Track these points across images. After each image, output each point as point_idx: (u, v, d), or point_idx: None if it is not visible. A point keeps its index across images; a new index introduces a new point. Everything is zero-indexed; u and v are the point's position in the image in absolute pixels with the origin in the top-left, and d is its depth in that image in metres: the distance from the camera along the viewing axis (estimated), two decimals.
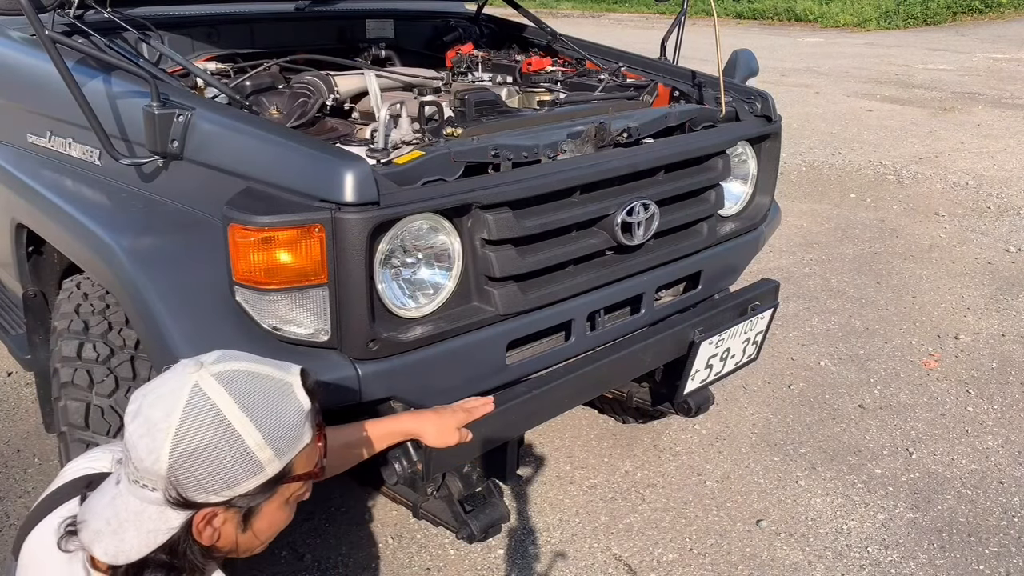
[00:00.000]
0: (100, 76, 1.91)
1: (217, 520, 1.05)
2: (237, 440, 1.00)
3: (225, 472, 1.00)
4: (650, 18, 19.36)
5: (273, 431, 1.02)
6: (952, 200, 5.76)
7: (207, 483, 1.00)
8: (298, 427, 1.06)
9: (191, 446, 0.99)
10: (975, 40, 14.19)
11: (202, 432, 0.99)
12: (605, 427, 3.02)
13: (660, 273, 2.13)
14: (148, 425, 1.01)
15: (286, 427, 1.04)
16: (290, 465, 1.06)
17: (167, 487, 1.00)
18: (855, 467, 2.82)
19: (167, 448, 0.99)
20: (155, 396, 1.03)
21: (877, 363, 3.53)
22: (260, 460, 1.02)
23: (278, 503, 1.09)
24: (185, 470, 0.99)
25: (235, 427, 1.00)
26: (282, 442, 1.03)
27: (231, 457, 1.00)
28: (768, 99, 2.34)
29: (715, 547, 2.45)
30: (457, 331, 1.75)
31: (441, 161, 1.67)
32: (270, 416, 1.03)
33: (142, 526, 1.03)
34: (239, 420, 1.00)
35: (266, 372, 1.07)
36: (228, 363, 1.05)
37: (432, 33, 3.08)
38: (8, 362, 3.20)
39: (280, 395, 1.05)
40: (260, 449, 1.01)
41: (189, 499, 1.01)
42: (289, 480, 1.08)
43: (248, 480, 1.02)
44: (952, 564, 2.39)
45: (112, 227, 1.77)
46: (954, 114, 8.47)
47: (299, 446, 1.06)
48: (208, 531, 1.05)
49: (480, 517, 1.91)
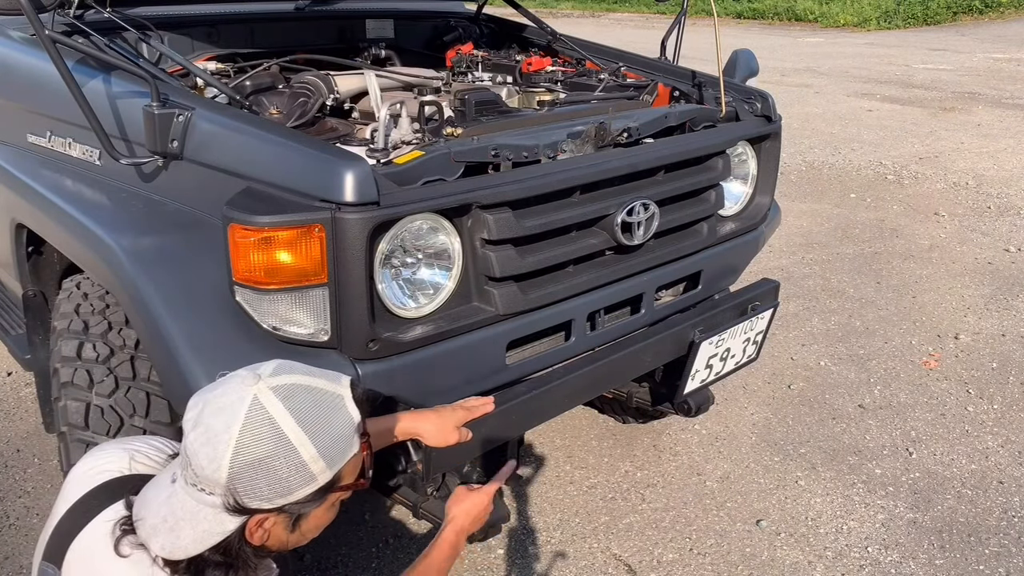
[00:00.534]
0: (100, 76, 1.91)
1: (268, 523, 1.10)
2: (293, 453, 1.06)
3: (280, 482, 1.06)
4: (650, 18, 19.36)
5: (326, 444, 1.08)
6: (952, 200, 5.76)
7: (264, 492, 1.06)
8: (348, 439, 1.12)
9: (251, 458, 1.04)
10: (975, 40, 14.19)
11: (261, 444, 1.05)
12: (605, 427, 3.02)
13: (660, 273, 2.13)
14: (209, 435, 1.05)
15: (337, 439, 1.10)
16: (339, 474, 1.12)
17: (226, 494, 1.05)
18: (855, 467, 2.82)
19: (228, 459, 1.04)
20: (216, 407, 1.08)
21: (877, 363, 3.53)
22: (313, 471, 1.07)
23: (324, 508, 1.15)
24: (244, 480, 1.05)
25: (292, 440, 1.06)
26: (333, 454, 1.09)
27: (287, 469, 1.05)
28: (768, 99, 2.34)
29: (715, 547, 2.45)
30: (457, 331, 1.75)
31: (441, 161, 1.67)
32: (323, 429, 1.08)
33: (198, 525, 1.08)
34: (295, 434, 1.06)
35: (320, 385, 1.12)
36: (285, 376, 1.10)
37: (432, 33, 3.08)
38: (8, 362, 3.20)
39: (333, 408, 1.11)
40: (314, 461, 1.07)
41: (245, 506, 1.06)
42: (338, 489, 1.14)
43: (301, 490, 1.07)
44: (952, 564, 2.39)
45: (112, 227, 1.77)
46: (954, 114, 8.47)
47: (348, 456, 1.12)
48: (260, 533, 1.11)
49: None
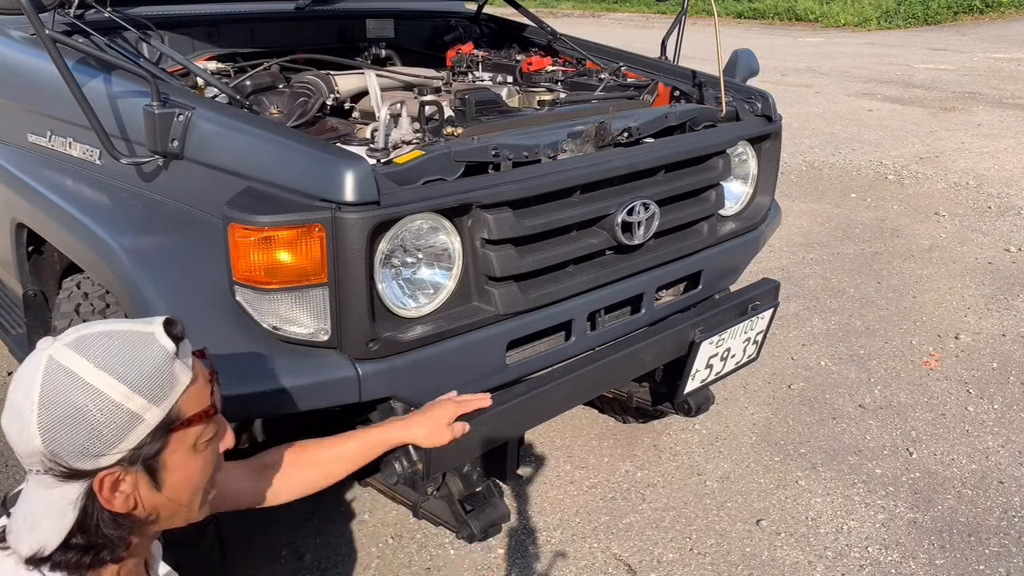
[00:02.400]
0: (100, 76, 1.91)
1: (124, 485, 1.04)
2: (101, 396, 0.99)
3: (101, 431, 0.99)
4: (650, 18, 19.35)
5: (137, 380, 1.01)
6: (953, 200, 5.76)
7: (89, 446, 0.99)
8: (165, 371, 1.04)
9: (57, 415, 0.99)
10: (976, 40, 14.19)
11: (64, 398, 0.99)
12: (605, 427, 3.02)
13: (660, 273, 2.13)
14: (13, 409, 1.01)
15: (152, 373, 1.02)
16: (176, 410, 1.05)
17: (47, 462, 1.00)
18: (855, 467, 2.82)
19: (35, 423, 0.99)
20: (16, 382, 1.03)
21: (877, 363, 3.53)
22: (133, 410, 1.00)
23: (183, 452, 1.07)
24: (59, 440, 0.99)
25: (95, 385, 1.00)
26: (151, 388, 1.02)
27: (101, 415, 0.99)
28: (768, 99, 2.34)
29: (715, 547, 2.45)
30: (457, 331, 1.75)
31: (441, 161, 1.67)
32: (131, 367, 1.01)
33: (50, 511, 1.03)
34: (98, 377, 1.00)
35: (121, 328, 1.06)
36: (80, 331, 1.05)
37: (432, 33, 3.08)
38: (8, 362, 3.20)
39: (139, 345, 1.04)
40: (128, 400, 1.00)
41: (76, 468, 1.00)
42: (181, 425, 1.06)
43: (131, 433, 1.01)
44: (952, 564, 2.39)
45: (112, 227, 1.77)
46: (955, 114, 8.46)
47: (176, 389, 1.04)
48: (119, 497, 1.04)
49: (480, 517, 1.91)
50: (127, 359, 1.02)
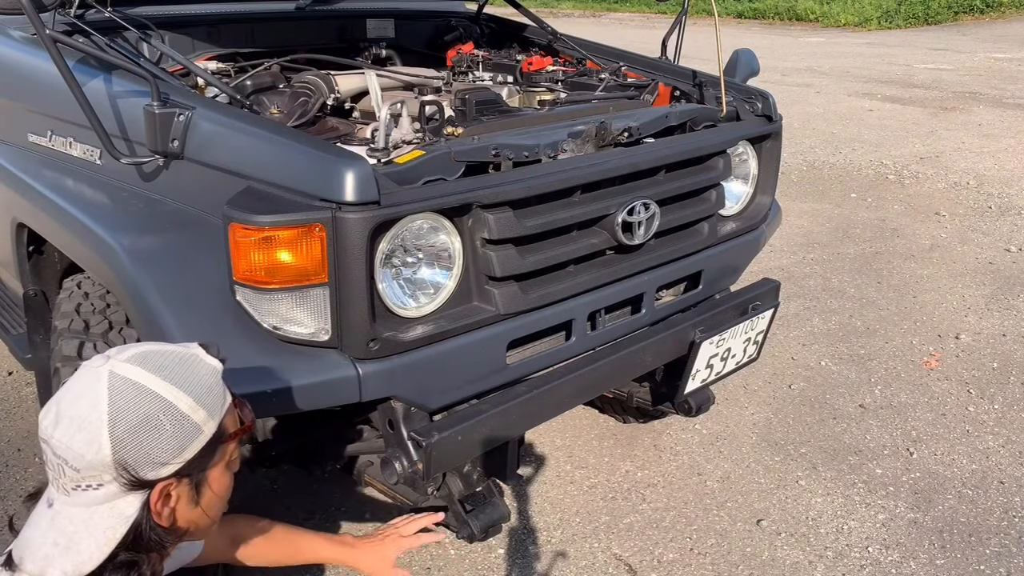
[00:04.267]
0: (101, 75, 1.91)
1: (172, 498, 1.07)
2: (171, 407, 1.03)
3: (169, 440, 1.02)
4: (651, 18, 19.35)
5: (200, 393, 1.06)
6: (953, 200, 5.76)
7: (156, 454, 1.02)
8: (218, 386, 1.11)
9: (129, 423, 1.01)
10: (976, 40, 14.18)
11: (135, 408, 1.01)
12: (606, 427, 3.02)
13: (661, 273, 2.13)
14: (78, 422, 1.01)
15: (209, 387, 1.08)
16: (223, 424, 1.10)
17: (117, 472, 1.01)
18: (856, 467, 2.82)
19: (106, 433, 1.00)
20: (72, 397, 1.04)
21: (878, 363, 3.52)
22: (197, 422, 1.05)
23: (221, 467, 1.13)
24: (131, 448, 1.00)
25: (165, 396, 1.03)
26: (210, 401, 1.08)
27: (170, 425, 1.02)
28: (769, 99, 2.34)
29: (715, 547, 2.45)
30: (457, 331, 1.75)
31: (442, 160, 1.67)
32: (191, 381, 1.06)
33: (95, 529, 1.03)
34: (166, 389, 1.04)
35: (170, 348, 1.11)
36: (133, 349, 1.09)
37: (433, 32, 3.08)
38: (8, 362, 3.20)
39: (193, 362, 1.10)
40: (194, 411, 1.05)
41: (143, 477, 1.02)
42: (227, 439, 1.11)
43: (192, 444, 1.05)
44: (953, 564, 2.39)
45: (113, 226, 1.77)
46: (955, 114, 8.46)
47: (225, 404, 1.11)
48: (166, 511, 1.07)
49: (480, 517, 1.91)
50: (188, 375, 1.07)
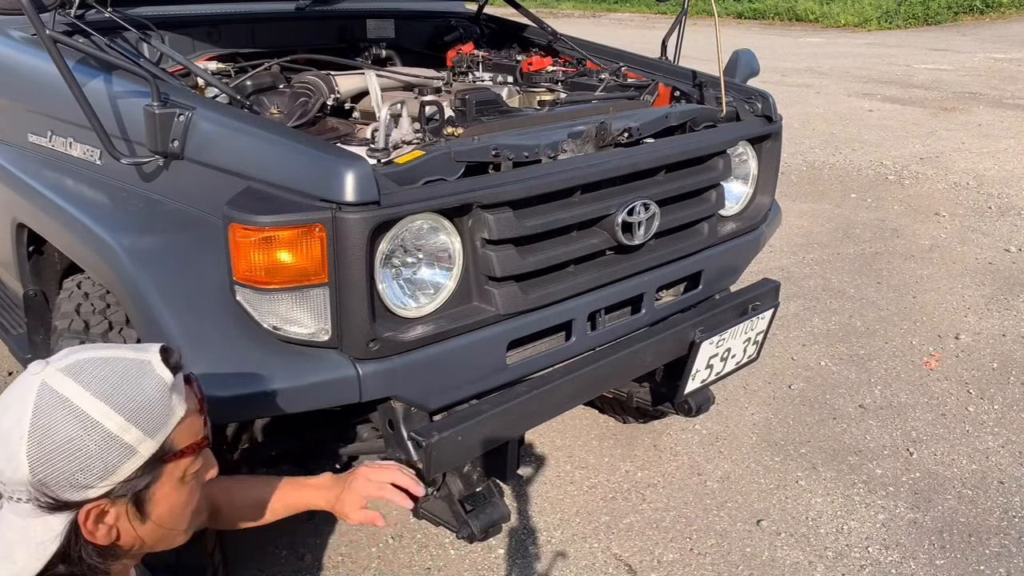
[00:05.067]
0: (101, 76, 1.91)
1: (108, 517, 1.00)
2: (97, 427, 0.96)
3: (93, 463, 0.96)
4: (651, 18, 19.35)
5: (134, 411, 0.98)
6: (953, 200, 5.76)
7: (78, 478, 0.96)
8: (163, 402, 1.01)
9: (50, 444, 0.95)
10: (976, 40, 14.18)
11: (58, 427, 0.95)
12: (605, 427, 3.02)
13: (661, 273, 2.13)
14: (1, 435, 0.96)
15: (149, 404, 0.99)
16: (169, 442, 1.02)
17: (33, 491, 0.96)
18: (856, 467, 2.82)
19: (24, 452, 0.94)
20: (4, 405, 0.99)
21: (878, 363, 3.53)
22: (128, 443, 0.97)
23: (171, 484, 1.04)
24: (48, 470, 0.95)
25: (91, 415, 0.96)
26: (148, 420, 0.99)
27: (95, 446, 0.95)
28: (769, 99, 2.34)
29: (715, 547, 2.45)
30: (457, 331, 1.75)
31: (442, 161, 1.67)
32: (128, 397, 0.98)
33: (30, 542, 0.98)
34: (94, 407, 0.96)
35: (117, 355, 1.02)
36: (74, 355, 1.01)
37: (433, 33, 3.08)
38: (8, 362, 3.20)
39: (137, 374, 1.00)
40: (124, 431, 0.97)
41: (62, 499, 0.97)
42: (173, 457, 1.03)
43: (123, 466, 0.97)
44: (952, 564, 2.39)
45: (113, 227, 1.77)
46: (955, 114, 8.46)
47: (171, 420, 1.02)
48: (102, 529, 1.00)
49: (480, 517, 1.90)
50: (125, 388, 0.99)
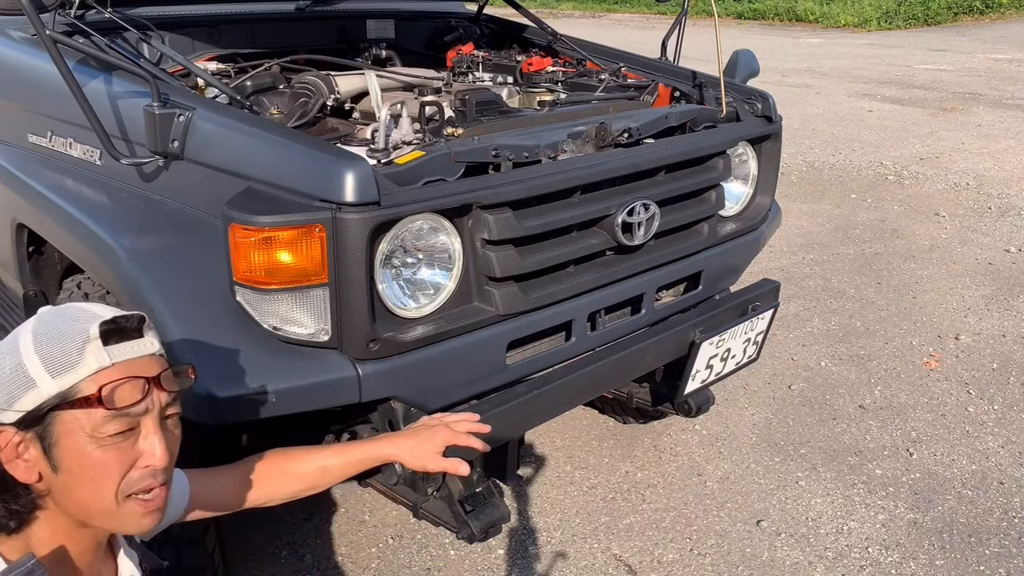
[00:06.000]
0: (101, 76, 1.91)
1: (27, 454, 1.04)
2: (15, 353, 1.03)
3: (4, 386, 1.02)
4: (651, 18, 19.35)
5: (48, 349, 1.03)
6: (953, 200, 5.76)
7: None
8: (74, 349, 1.04)
9: None
10: (976, 41, 14.18)
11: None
12: (605, 427, 3.02)
13: (661, 273, 2.13)
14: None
15: (64, 347, 1.03)
16: (73, 391, 1.03)
17: None
18: (855, 467, 2.82)
19: None
20: None
21: (877, 363, 3.53)
22: (30, 375, 1.02)
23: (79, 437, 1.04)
24: None
25: (19, 344, 1.04)
26: (52, 358, 1.03)
27: (9, 369, 1.03)
28: (769, 99, 2.34)
29: (715, 547, 2.45)
30: (457, 331, 1.75)
31: (442, 161, 1.67)
32: (52, 337, 1.04)
33: None
34: (24, 338, 1.04)
35: (84, 307, 1.10)
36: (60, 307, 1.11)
37: (433, 33, 3.08)
38: None
39: (71, 321, 1.06)
40: (29, 360, 1.02)
41: None
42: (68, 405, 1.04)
43: (23, 396, 1.02)
44: (952, 564, 2.39)
45: (113, 227, 1.77)
46: (955, 114, 8.46)
47: (81, 371, 1.04)
48: (21, 464, 1.04)
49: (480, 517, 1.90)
50: (54, 331, 1.05)
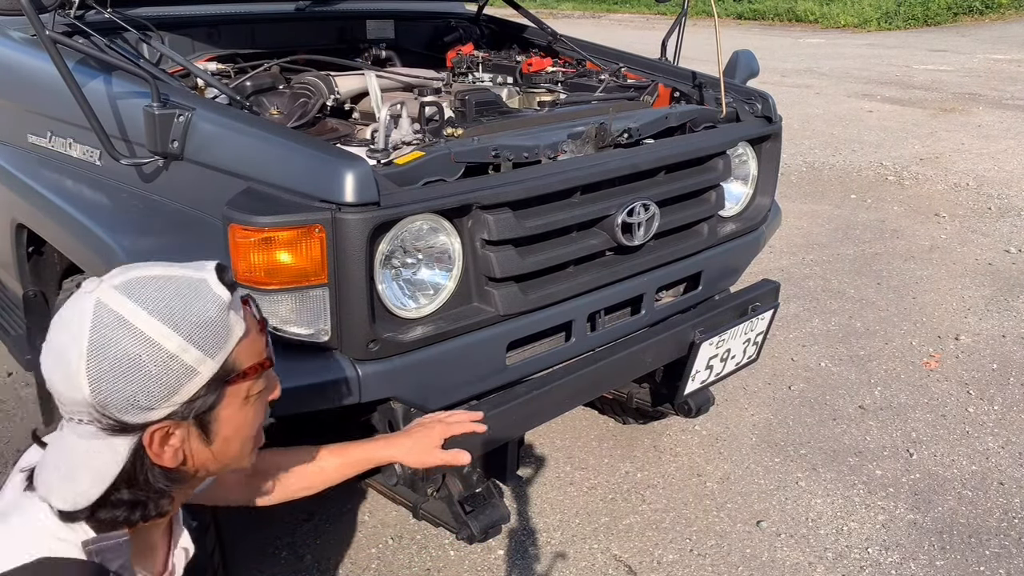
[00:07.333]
0: (100, 76, 1.91)
1: (174, 439, 0.97)
2: (156, 347, 0.92)
3: (154, 384, 0.92)
4: (651, 19, 19.36)
5: (194, 329, 0.94)
6: (953, 201, 5.76)
7: (139, 399, 0.92)
8: (221, 321, 0.97)
9: (109, 364, 0.91)
10: (976, 41, 14.19)
11: (117, 347, 0.91)
12: (605, 428, 3.02)
13: (660, 274, 2.13)
14: (57, 352, 0.94)
15: (206, 324, 0.95)
16: (231, 362, 0.98)
17: (94, 413, 0.93)
18: (855, 468, 2.82)
19: (83, 372, 0.91)
20: (60, 324, 0.95)
21: (877, 364, 3.52)
22: (188, 363, 0.94)
23: (235, 405, 1.01)
24: (108, 391, 0.91)
25: (149, 334, 0.92)
26: (207, 340, 0.95)
27: (155, 367, 0.92)
28: (768, 100, 2.34)
29: (715, 548, 2.45)
30: (457, 332, 1.75)
31: (441, 161, 1.67)
32: (185, 316, 0.94)
33: (92, 464, 0.95)
34: (152, 327, 0.93)
35: (172, 274, 0.98)
36: (128, 273, 0.97)
37: (433, 33, 3.08)
38: (8, 362, 3.20)
39: (193, 293, 0.96)
40: (184, 352, 0.93)
41: (124, 421, 0.93)
42: (237, 378, 0.99)
43: (184, 387, 0.94)
44: (953, 565, 2.39)
45: (112, 227, 1.77)
46: (955, 115, 8.46)
47: (230, 340, 0.98)
48: (169, 452, 0.97)
49: (480, 518, 1.90)
50: (181, 308, 0.95)
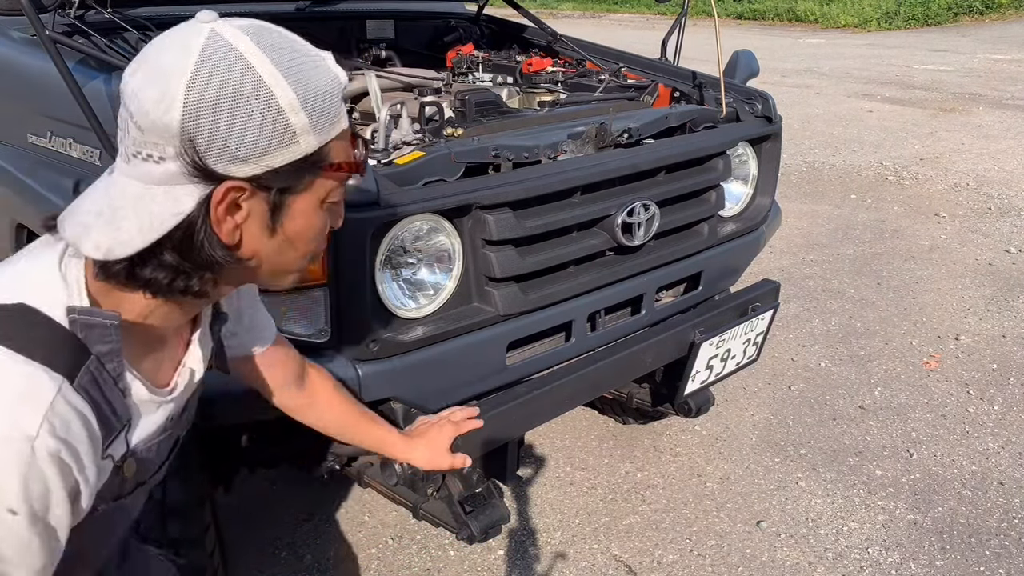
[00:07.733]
0: (101, 76, 1.90)
1: (241, 212, 0.86)
2: (267, 94, 0.82)
3: (253, 132, 0.81)
4: (651, 19, 19.36)
5: (308, 94, 0.84)
6: (953, 201, 5.76)
7: (231, 143, 0.81)
8: (335, 100, 0.88)
9: (213, 92, 0.80)
10: (976, 41, 14.19)
11: (227, 77, 0.80)
12: (605, 428, 3.02)
13: (661, 274, 2.13)
14: (156, 71, 0.81)
15: (323, 95, 0.86)
16: (327, 151, 0.88)
17: (181, 146, 0.80)
18: (855, 468, 2.82)
19: (182, 91, 0.79)
20: (161, 45, 0.84)
21: (877, 364, 3.52)
22: (293, 125, 0.83)
23: (312, 202, 0.90)
24: (203, 121, 0.80)
25: (264, 78, 0.82)
26: (318, 111, 0.85)
27: (260, 114, 0.81)
28: (769, 100, 2.34)
29: (715, 548, 2.45)
30: (457, 332, 1.75)
31: (442, 161, 1.67)
32: (305, 78, 0.84)
33: (143, 210, 0.83)
34: (268, 72, 0.82)
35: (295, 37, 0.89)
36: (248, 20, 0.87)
37: (433, 33, 3.08)
38: None
39: (315, 62, 0.87)
40: (293, 111, 0.83)
41: (207, 165, 0.81)
42: (327, 169, 0.89)
43: (280, 151, 0.83)
44: (953, 565, 2.39)
45: None
46: (955, 115, 8.47)
47: (336, 124, 0.88)
48: (230, 224, 0.86)
49: (480, 518, 1.90)
50: (303, 69, 0.85)
